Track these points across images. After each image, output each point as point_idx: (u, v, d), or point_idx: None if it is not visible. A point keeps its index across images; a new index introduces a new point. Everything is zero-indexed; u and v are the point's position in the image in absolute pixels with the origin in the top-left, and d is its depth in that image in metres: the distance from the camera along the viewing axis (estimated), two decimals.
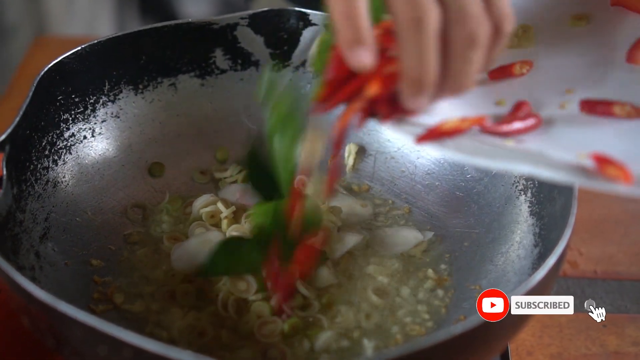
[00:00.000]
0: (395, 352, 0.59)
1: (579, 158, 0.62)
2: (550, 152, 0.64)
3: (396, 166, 0.97)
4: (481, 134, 0.67)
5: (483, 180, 0.90)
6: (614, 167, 0.60)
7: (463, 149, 0.64)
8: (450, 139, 0.65)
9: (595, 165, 0.61)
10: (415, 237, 0.89)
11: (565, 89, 0.74)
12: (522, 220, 0.84)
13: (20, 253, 0.78)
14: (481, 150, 0.64)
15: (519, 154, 0.64)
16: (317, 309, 0.80)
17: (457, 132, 0.66)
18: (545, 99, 0.72)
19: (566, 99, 0.72)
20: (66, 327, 0.63)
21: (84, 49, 0.89)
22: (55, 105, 0.88)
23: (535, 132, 0.68)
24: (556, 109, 0.71)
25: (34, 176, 0.84)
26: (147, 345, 0.58)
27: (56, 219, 0.85)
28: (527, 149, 0.65)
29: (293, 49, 0.98)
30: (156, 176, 0.95)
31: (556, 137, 0.67)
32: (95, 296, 0.82)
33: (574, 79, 0.75)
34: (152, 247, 0.88)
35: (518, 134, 0.68)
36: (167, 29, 0.94)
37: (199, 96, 0.98)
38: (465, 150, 0.64)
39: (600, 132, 0.68)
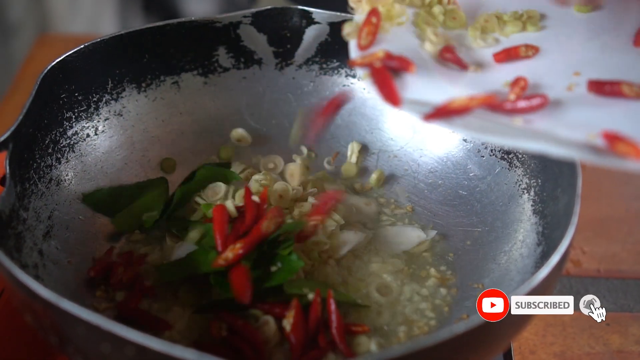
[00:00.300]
0: (398, 350, 0.59)
1: (589, 137, 0.62)
2: (559, 132, 0.64)
3: (399, 165, 0.97)
4: (489, 113, 0.68)
5: (486, 178, 0.90)
6: (625, 143, 0.60)
7: (471, 127, 0.64)
8: (459, 117, 0.66)
9: (605, 142, 0.61)
10: (418, 236, 0.89)
11: (573, 72, 0.74)
12: (525, 218, 0.84)
13: (24, 251, 0.78)
14: (489, 128, 0.65)
15: (528, 133, 0.65)
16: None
17: (465, 110, 0.66)
18: (552, 81, 0.73)
19: (573, 81, 0.72)
20: (69, 325, 0.63)
21: (87, 47, 0.89)
22: (58, 104, 0.88)
23: (543, 112, 0.68)
24: (564, 91, 0.71)
25: (37, 174, 0.84)
26: (150, 343, 0.58)
27: (59, 217, 0.85)
28: (535, 128, 0.66)
29: (296, 47, 0.98)
30: (168, 172, 0.96)
31: (564, 118, 0.67)
32: (98, 294, 0.82)
33: (581, 63, 0.75)
34: (154, 246, 0.88)
35: (525, 113, 0.68)
36: (170, 27, 0.94)
37: (202, 94, 0.98)
38: (474, 128, 0.64)
39: (608, 111, 0.68)
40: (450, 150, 0.94)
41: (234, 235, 0.80)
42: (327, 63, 0.99)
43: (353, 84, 0.99)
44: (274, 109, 1.00)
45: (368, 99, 0.98)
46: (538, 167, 0.84)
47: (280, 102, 1.00)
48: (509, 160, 0.88)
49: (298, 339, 0.75)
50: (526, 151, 0.63)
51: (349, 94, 0.92)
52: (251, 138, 0.99)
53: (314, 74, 0.99)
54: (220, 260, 0.78)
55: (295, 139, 0.96)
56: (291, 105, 1.00)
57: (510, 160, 0.88)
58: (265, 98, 1.00)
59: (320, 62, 0.99)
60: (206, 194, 0.91)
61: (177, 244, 0.87)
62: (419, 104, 0.68)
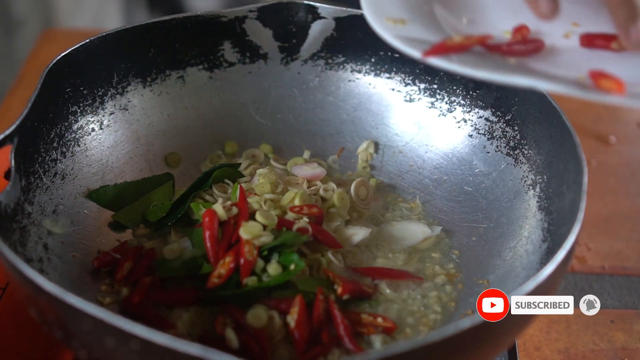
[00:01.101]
0: (404, 346, 0.59)
1: (578, 77, 0.67)
2: (550, 70, 0.68)
3: (404, 160, 0.97)
4: (485, 52, 0.72)
5: (491, 175, 0.90)
6: (609, 79, 0.64)
7: (466, 63, 0.68)
8: (455, 54, 0.70)
9: (591, 80, 0.65)
10: (423, 232, 0.89)
11: (572, 22, 0.76)
12: (530, 215, 0.84)
13: (28, 245, 0.78)
14: (484, 65, 0.68)
15: (521, 70, 0.68)
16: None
17: (462, 48, 0.70)
18: (550, 29, 0.75)
19: (571, 30, 0.76)
20: (74, 319, 0.63)
21: (92, 41, 0.89)
22: (63, 98, 0.88)
23: (538, 56, 0.72)
24: (561, 38, 0.75)
25: (42, 168, 0.84)
26: (155, 337, 0.58)
27: (64, 211, 0.85)
28: (528, 66, 0.70)
29: (302, 42, 0.98)
30: (173, 166, 0.96)
31: (558, 61, 0.71)
32: (102, 288, 0.82)
33: (581, 15, 0.77)
34: (159, 240, 0.88)
35: (520, 55, 0.72)
36: (176, 21, 0.94)
37: (207, 89, 0.98)
38: (469, 65, 0.68)
39: (600, 58, 0.72)
40: (456, 146, 0.94)
41: (225, 242, 0.80)
42: (332, 58, 0.98)
43: (358, 79, 0.99)
44: (279, 104, 1.00)
45: (373, 95, 0.98)
46: (544, 164, 0.84)
47: (285, 97, 1.00)
48: (514, 157, 0.88)
49: (302, 335, 0.75)
50: (517, 86, 0.65)
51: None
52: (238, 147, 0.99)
53: (319, 69, 0.99)
54: (214, 279, 0.78)
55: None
56: (296, 100, 1.00)
57: (516, 157, 0.88)
58: (270, 93, 1.00)
59: (325, 57, 0.98)
60: (215, 191, 0.90)
61: (181, 239, 0.87)
62: (417, 41, 0.71)
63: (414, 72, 0.96)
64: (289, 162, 0.96)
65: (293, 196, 0.86)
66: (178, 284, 0.82)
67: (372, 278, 0.83)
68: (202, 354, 0.57)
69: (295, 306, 0.76)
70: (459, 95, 0.94)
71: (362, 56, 0.98)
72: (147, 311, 0.78)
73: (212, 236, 0.80)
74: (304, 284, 0.79)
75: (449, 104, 0.95)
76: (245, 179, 0.92)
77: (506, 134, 0.89)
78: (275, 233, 0.81)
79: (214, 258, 0.79)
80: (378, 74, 0.98)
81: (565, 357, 0.90)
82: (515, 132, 0.88)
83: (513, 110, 0.89)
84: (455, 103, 0.94)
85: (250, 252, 0.78)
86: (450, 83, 0.94)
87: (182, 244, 0.85)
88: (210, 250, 0.79)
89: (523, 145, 0.87)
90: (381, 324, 0.79)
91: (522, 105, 0.87)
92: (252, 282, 0.78)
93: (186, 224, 0.88)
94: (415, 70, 0.96)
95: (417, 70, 0.96)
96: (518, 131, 0.88)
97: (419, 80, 0.96)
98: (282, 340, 0.77)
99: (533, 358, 0.90)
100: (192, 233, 0.85)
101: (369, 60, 0.98)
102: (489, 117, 0.91)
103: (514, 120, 0.89)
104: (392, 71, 0.97)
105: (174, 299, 0.80)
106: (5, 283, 0.83)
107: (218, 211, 0.82)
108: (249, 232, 0.79)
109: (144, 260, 0.84)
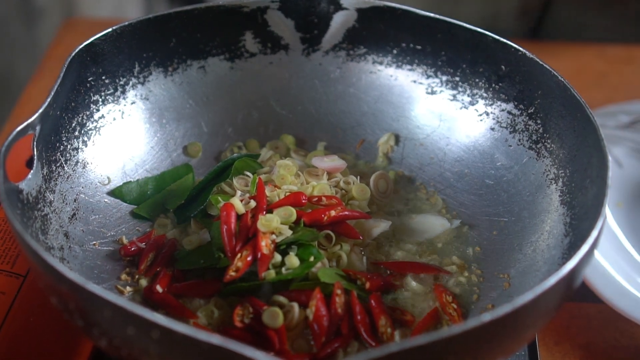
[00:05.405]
0: (424, 339, 0.59)
1: None
2: None
3: (425, 153, 0.96)
4: None
5: (513, 168, 0.89)
6: None
7: None
8: None
9: None
10: (442, 225, 0.89)
11: None
12: (552, 209, 0.83)
13: (50, 233, 0.78)
14: None
15: None
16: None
17: None
18: None
19: None
20: (95, 308, 0.63)
21: (114, 30, 0.89)
22: (85, 87, 0.88)
23: None
24: None
25: (63, 157, 0.84)
26: (176, 327, 0.58)
27: (85, 199, 0.86)
28: None
29: (323, 33, 0.97)
30: (193, 157, 0.96)
31: None
32: (122, 277, 0.82)
33: None
34: (179, 229, 0.88)
35: None
36: (198, 11, 0.93)
37: (228, 79, 0.98)
38: None
39: None
40: (477, 139, 0.93)
41: (243, 236, 0.80)
42: (354, 49, 0.98)
43: (380, 71, 0.98)
44: (300, 95, 1.00)
45: (394, 87, 0.98)
46: (567, 158, 0.83)
47: (306, 88, 1.00)
48: (536, 150, 0.87)
49: (321, 327, 0.75)
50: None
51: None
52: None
53: (340, 60, 0.99)
54: (232, 272, 0.78)
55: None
56: (317, 92, 0.99)
57: (538, 150, 0.87)
58: (291, 84, 0.99)
59: (347, 49, 0.98)
60: (235, 183, 0.90)
61: (201, 230, 0.87)
62: None
63: (436, 64, 0.95)
64: (308, 155, 0.96)
65: (312, 189, 0.86)
66: (198, 275, 0.82)
67: (399, 272, 0.83)
68: (222, 344, 0.57)
69: (314, 299, 0.76)
70: (481, 88, 0.93)
71: (384, 48, 0.97)
72: (169, 301, 0.79)
73: (229, 230, 0.80)
74: (325, 275, 0.79)
75: (471, 96, 0.94)
76: (265, 169, 0.92)
77: (529, 128, 0.89)
78: (293, 227, 0.81)
79: (231, 252, 0.79)
80: (400, 66, 0.97)
81: (586, 352, 0.89)
82: (538, 125, 0.88)
83: (536, 103, 0.88)
84: (477, 96, 0.93)
85: (267, 246, 0.78)
86: (472, 75, 0.93)
87: (202, 236, 0.86)
88: (227, 245, 0.79)
89: (546, 139, 0.87)
90: (400, 316, 0.79)
91: (546, 98, 0.87)
92: (270, 276, 0.78)
93: (206, 215, 0.88)
94: (437, 62, 0.95)
95: (439, 63, 0.95)
96: (541, 124, 0.87)
97: (441, 73, 0.95)
98: (301, 332, 0.77)
99: (553, 352, 0.89)
100: (211, 225, 0.85)
101: (391, 52, 0.97)
102: (512, 110, 0.91)
103: (536, 114, 0.88)
104: (414, 63, 0.96)
105: (194, 290, 0.80)
106: (25, 270, 0.83)
107: (236, 205, 0.82)
108: (267, 225, 0.79)
109: (165, 250, 0.84)
